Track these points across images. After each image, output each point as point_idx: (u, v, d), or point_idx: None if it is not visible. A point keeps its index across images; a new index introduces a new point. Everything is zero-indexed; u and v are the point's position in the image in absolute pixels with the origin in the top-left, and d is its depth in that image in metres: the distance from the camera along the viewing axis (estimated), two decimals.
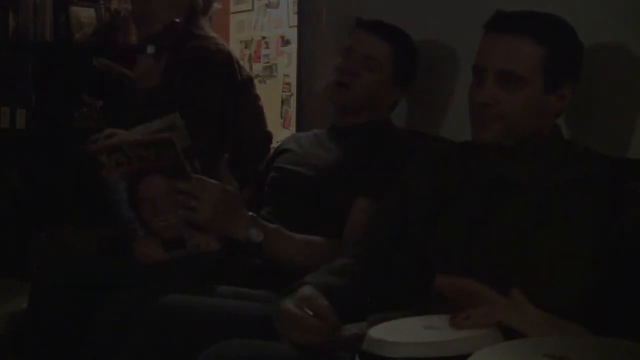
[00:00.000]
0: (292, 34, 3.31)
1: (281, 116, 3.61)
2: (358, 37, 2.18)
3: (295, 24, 3.14)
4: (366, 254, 1.75)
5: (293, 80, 3.26)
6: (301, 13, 2.99)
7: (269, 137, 2.65)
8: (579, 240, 1.47)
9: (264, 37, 3.72)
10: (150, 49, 2.51)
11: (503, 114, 1.58)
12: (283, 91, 3.58)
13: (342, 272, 1.69)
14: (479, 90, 1.60)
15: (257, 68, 3.78)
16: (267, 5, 3.74)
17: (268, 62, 3.72)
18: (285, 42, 3.59)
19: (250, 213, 1.91)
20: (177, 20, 2.47)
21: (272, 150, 2.45)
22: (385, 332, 1.29)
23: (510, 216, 1.55)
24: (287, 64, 3.54)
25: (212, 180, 1.85)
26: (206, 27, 2.58)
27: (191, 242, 1.87)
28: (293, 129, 3.12)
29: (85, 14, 4.00)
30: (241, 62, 2.60)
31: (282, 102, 3.60)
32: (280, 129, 3.49)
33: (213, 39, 2.54)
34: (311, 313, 1.50)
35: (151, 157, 1.82)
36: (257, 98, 2.62)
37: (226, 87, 2.45)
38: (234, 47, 3.76)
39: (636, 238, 1.50)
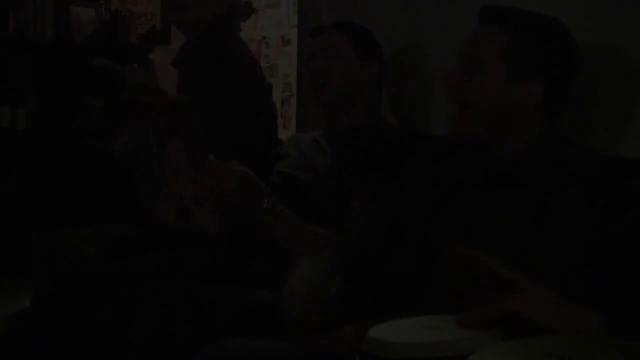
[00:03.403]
0: (292, 34, 3.30)
1: (281, 116, 3.60)
2: (310, 44, 2.32)
3: (295, 24, 3.14)
4: (365, 256, 1.75)
5: (293, 80, 3.26)
6: (301, 13, 2.99)
7: (275, 144, 2.65)
8: (578, 239, 1.47)
9: (264, 37, 3.72)
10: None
11: (466, 101, 1.61)
12: (283, 91, 3.58)
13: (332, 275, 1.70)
14: (447, 75, 1.65)
15: None
16: (267, 5, 3.74)
17: (268, 62, 3.71)
18: (285, 42, 3.59)
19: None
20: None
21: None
22: (385, 332, 1.29)
23: (509, 215, 1.55)
24: (287, 64, 3.53)
25: (228, 163, 1.89)
26: (237, 31, 2.58)
27: (195, 217, 1.92)
28: (293, 129, 3.12)
29: (85, 14, 4.00)
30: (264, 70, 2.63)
31: (282, 102, 3.59)
32: (281, 128, 3.48)
33: (241, 43, 2.54)
34: None
35: (172, 119, 1.88)
36: (273, 107, 2.63)
37: (246, 93, 2.44)
38: None
39: (637, 238, 1.50)
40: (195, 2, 2.47)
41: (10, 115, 3.82)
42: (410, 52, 2.37)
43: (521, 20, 1.62)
